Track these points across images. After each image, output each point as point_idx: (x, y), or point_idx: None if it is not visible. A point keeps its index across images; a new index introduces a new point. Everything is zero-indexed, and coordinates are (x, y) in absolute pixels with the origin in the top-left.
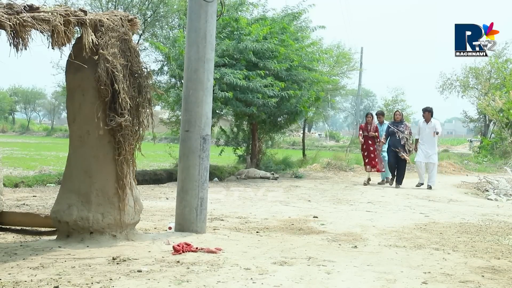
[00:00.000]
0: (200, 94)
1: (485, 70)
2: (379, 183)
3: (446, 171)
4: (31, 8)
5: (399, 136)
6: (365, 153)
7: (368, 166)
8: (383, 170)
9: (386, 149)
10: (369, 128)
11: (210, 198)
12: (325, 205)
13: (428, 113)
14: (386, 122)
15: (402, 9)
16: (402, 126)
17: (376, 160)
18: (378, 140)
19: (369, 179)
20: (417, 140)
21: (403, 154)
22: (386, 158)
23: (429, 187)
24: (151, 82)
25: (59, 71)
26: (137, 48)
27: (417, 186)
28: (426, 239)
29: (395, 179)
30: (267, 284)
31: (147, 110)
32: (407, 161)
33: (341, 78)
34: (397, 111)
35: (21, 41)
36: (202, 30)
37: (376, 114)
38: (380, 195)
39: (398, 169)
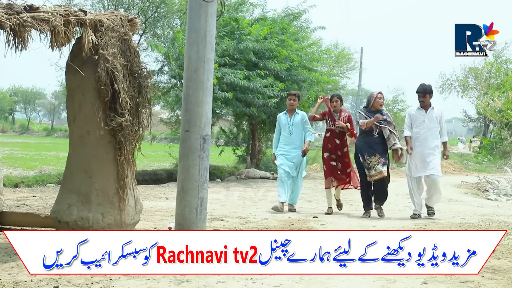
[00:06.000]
0: (200, 94)
1: (484, 70)
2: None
3: (446, 171)
4: (31, 8)
5: (377, 133)
6: (331, 157)
7: (330, 179)
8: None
9: (354, 155)
10: (335, 117)
11: (210, 198)
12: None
13: (428, 95)
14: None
15: (402, 9)
16: (384, 116)
17: (350, 169)
18: (352, 135)
19: (338, 204)
20: (407, 140)
21: (381, 171)
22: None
23: (431, 212)
24: (151, 82)
25: (59, 71)
26: (137, 48)
27: (412, 217)
28: None
29: (372, 204)
30: (267, 284)
31: (147, 110)
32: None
33: (340, 78)
34: (379, 93)
35: (21, 41)
36: (202, 30)
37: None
38: None
39: (375, 188)
